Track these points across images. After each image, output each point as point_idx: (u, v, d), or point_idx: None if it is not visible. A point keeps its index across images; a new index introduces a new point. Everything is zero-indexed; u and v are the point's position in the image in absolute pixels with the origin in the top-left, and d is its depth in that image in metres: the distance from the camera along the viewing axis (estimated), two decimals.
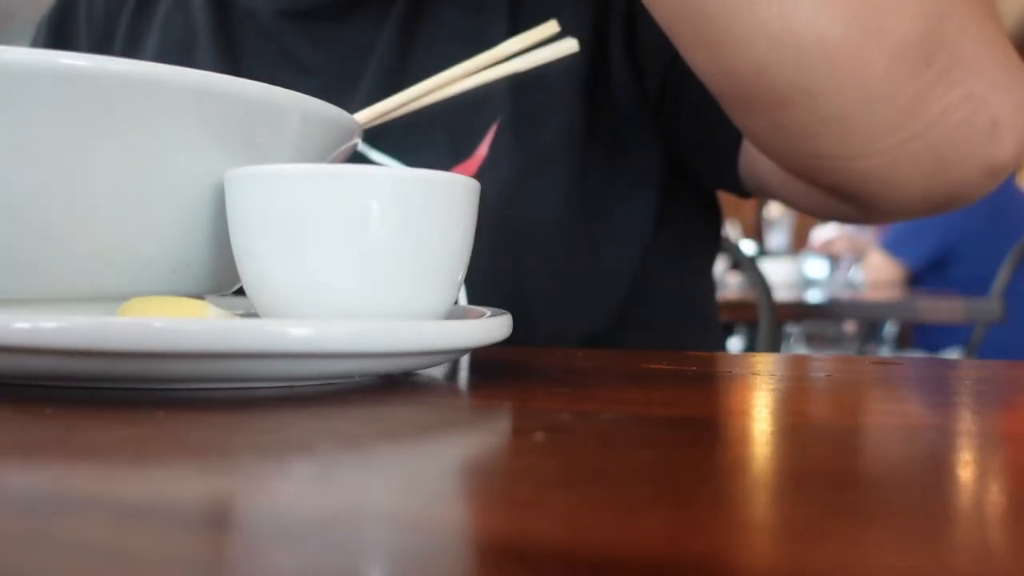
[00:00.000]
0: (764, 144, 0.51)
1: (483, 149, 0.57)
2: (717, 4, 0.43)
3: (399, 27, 0.60)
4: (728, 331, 2.49)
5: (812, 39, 0.42)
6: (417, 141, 0.59)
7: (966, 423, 0.28)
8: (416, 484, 0.19)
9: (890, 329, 2.81)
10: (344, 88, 0.60)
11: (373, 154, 0.58)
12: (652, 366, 0.40)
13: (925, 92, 0.44)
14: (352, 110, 0.59)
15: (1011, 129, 0.47)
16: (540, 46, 0.47)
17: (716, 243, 0.70)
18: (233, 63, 0.63)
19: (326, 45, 0.62)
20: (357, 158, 0.58)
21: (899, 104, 0.44)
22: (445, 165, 0.57)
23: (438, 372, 0.36)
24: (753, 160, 0.58)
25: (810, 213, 0.59)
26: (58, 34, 0.71)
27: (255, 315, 0.32)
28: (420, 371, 0.35)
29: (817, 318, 2.21)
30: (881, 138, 0.46)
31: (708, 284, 0.69)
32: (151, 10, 0.68)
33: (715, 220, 0.68)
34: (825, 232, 2.93)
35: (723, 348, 0.82)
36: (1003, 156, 0.47)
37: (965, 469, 0.21)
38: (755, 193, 0.62)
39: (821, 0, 0.42)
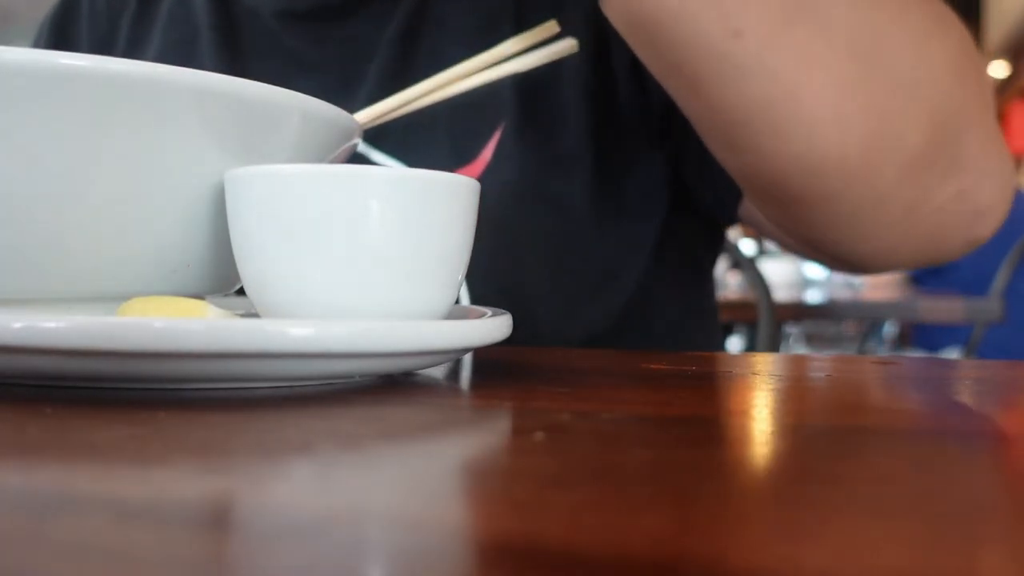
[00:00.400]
0: (772, 219, 0.55)
1: (487, 153, 0.57)
2: (743, 123, 0.45)
3: (402, 29, 0.60)
4: (728, 331, 2.49)
5: (833, 158, 0.45)
6: (419, 142, 0.59)
7: (966, 423, 0.28)
8: (416, 484, 0.19)
9: (890, 329, 2.81)
10: (346, 88, 0.60)
11: (375, 155, 0.58)
12: (652, 366, 0.40)
13: (927, 192, 0.48)
14: (353, 110, 0.59)
15: (993, 213, 0.52)
16: (540, 46, 0.47)
17: (718, 249, 0.70)
18: (235, 61, 0.63)
19: (328, 44, 0.62)
20: (358, 159, 0.58)
21: (904, 203, 0.48)
22: (447, 167, 0.57)
23: (438, 372, 0.36)
24: (754, 212, 0.59)
25: (802, 257, 0.63)
26: (60, 34, 0.71)
27: (255, 315, 0.32)
28: (420, 371, 0.35)
29: (817, 318, 2.21)
30: (883, 229, 0.50)
31: (709, 287, 0.69)
32: (153, 9, 0.68)
33: (719, 228, 0.69)
34: None
35: (723, 349, 0.82)
36: (984, 234, 0.53)
37: (965, 469, 0.21)
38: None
39: (843, 122, 0.44)
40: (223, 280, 0.36)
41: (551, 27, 0.47)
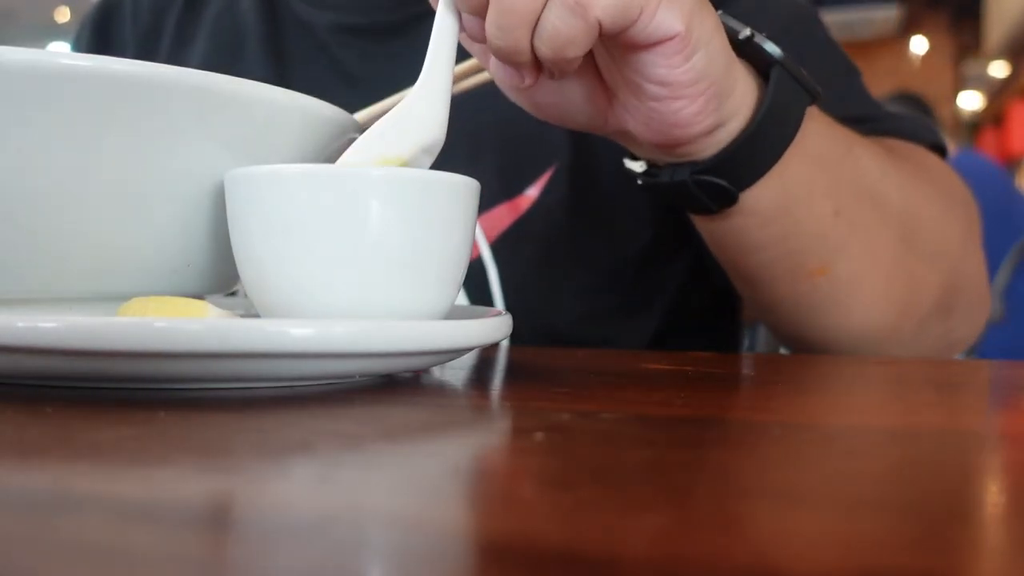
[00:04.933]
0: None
1: (533, 191, 0.58)
2: (809, 297, 0.49)
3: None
4: None
5: (872, 327, 0.50)
6: (464, 170, 0.60)
7: (966, 423, 0.28)
8: (416, 484, 0.19)
9: None
10: None
11: None
12: (652, 366, 0.40)
13: (923, 335, 0.53)
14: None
15: (965, 345, 0.58)
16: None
17: None
18: (281, 70, 0.63)
19: (377, 61, 0.62)
20: None
21: (912, 346, 0.53)
22: (491, 200, 0.57)
23: (438, 372, 0.36)
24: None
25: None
26: (102, 34, 0.70)
27: (255, 315, 0.32)
28: (420, 371, 0.35)
29: None
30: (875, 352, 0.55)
31: (735, 319, 0.69)
32: (198, 13, 0.68)
33: None
34: None
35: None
36: (953, 357, 0.60)
37: (965, 469, 0.21)
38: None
39: (889, 298, 0.50)
40: (223, 280, 0.36)
41: None
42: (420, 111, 0.35)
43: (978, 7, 4.71)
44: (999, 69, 5.02)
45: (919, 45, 5.03)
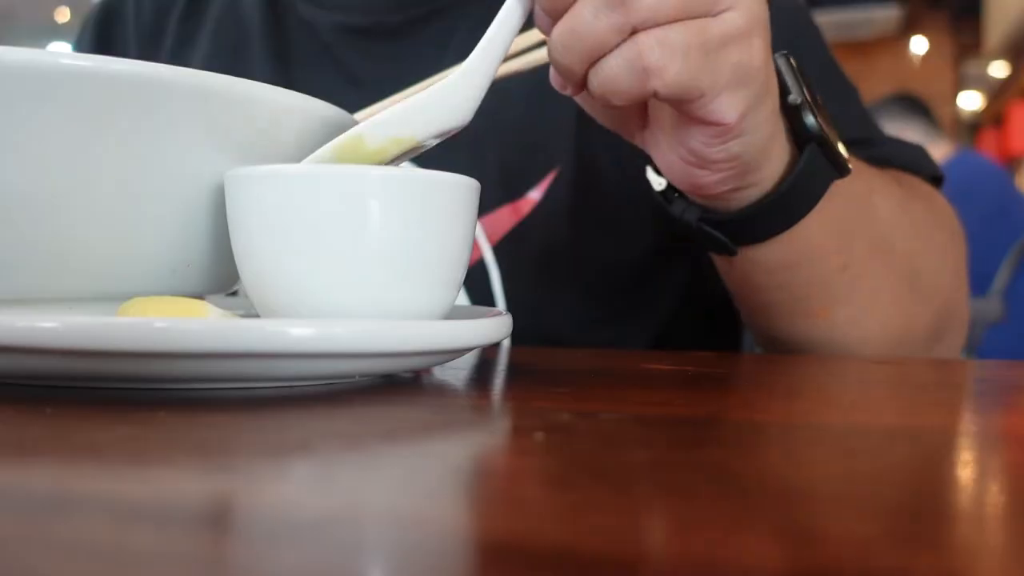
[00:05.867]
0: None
1: (536, 194, 0.58)
2: (811, 333, 0.50)
3: (459, 56, 0.60)
4: None
5: (868, 354, 0.50)
6: (466, 170, 0.61)
7: (966, 423, 0.28)
8: (416, 484, 0.19)
9: None
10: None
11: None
12: (652, 366, 0.40)
13: (923, 354, 0.55)
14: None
15: (958, 351, 0.60)
16: (540, 46, 0.47)
17: None
18: (283, 70, 0.63)
19: (380, 62, 0.62)
20: None
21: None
22: (493, 200, 0.57)
23: (438, 372, 0.36)
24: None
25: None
26: (104, 34, 0.70)
27: (255, 315, 0.32)
28: (420, 371, 0.35)
29: None
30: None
31: (735, 324, 0.69)
32: (201, 12, 0.68)
33: None
34: None
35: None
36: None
37: (965, 469, 0.21)
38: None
39: (887, 333, 0.50)
40: (223, 280, 0.36)
41: None
42: (454, 95, 0.34)
43: (978, 7, 4.71)
44: (999, 69, 5.01)
45: (919, 45, 5.02)
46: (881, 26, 4.66)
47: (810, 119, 0.41)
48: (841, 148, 0.43)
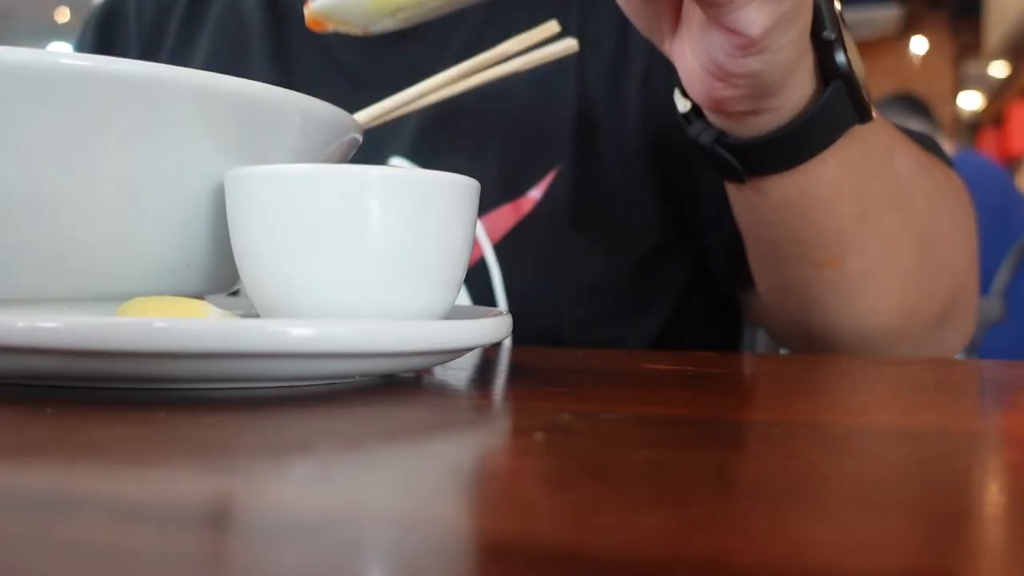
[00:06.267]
0: (776, 321, 0.59)
1: (536, 193, 0.58)
2: (823, 288, 0.49)
3: (464, 49, 0.60)
4: None
5: (883, 326, 0.51)
6: (466, 171, 0.61)
7: (966, 423, 0.28)
8: (416, 484, 0.19)
9: None
10: None
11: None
12: (652, 366, 0.40)
13: (925, 344, 0.54)
14: (405, 133, 0.59)
15: (954, 352, 0.59)
16: (540, 46, 0.47)
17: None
18: (285, 69, 0.63)
19: (381, 63, 0.62)
20: None
21: (912, 351, 0.54)
22: (493, 199, 0.57)
23: (438, 372, 0.36)
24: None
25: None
26: (105, 34, 0.70)
27: (255, 315, 0.32)
28: (420, 371, 0.35)
29: None
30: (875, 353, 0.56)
31: (735, 320, 0.70)
32: (202, 12, 0.68)
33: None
34: None
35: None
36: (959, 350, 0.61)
37: (965, 469, 0.21)
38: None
39: (902, 300, 0.50)
40: (223, 280, 0.36)
41: (551, 27, 0.47)
42: None
43: (978, 7, 4.71)
44: (999, 69, 5.02)
45: (919, 45, 5.03)
46: (881, 26, 4.66)
47: (841, 57, 0.41)
48: (866, 94, 0.43)
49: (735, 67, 0.38)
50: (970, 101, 5.52)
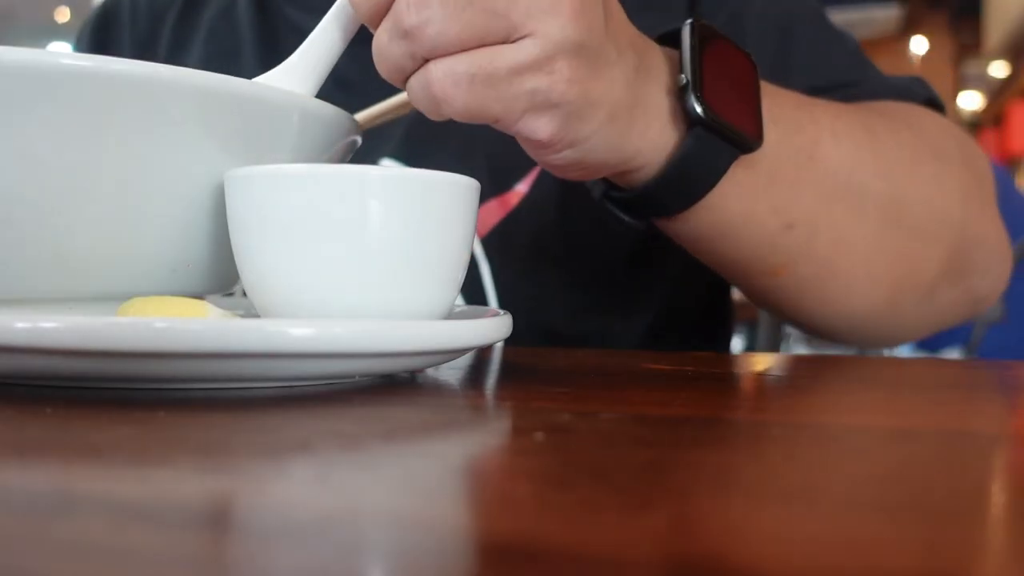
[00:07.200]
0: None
1: (523, 186, 0.58)
2: (782, 293, 0.49)
3: None
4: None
5: (864, 307, 0.50)
6: (454, 167, 0.61)
7: (966, 423, 0.28)
8: (416, 484, 0.19)
9: None
10: None
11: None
12: (652, 366, 0.40)
13: (937, 300, 0.52)
14: (394, 133, 0.59)
15: (992, 297, 0.56)
16: None
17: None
18: None
19: (371, 66, 0.61)
20: None
21: (915, 315, 0.53)
22: (480, 194, 0.57)
23: (438, 372, 0.36)
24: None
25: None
26: (101, 38, 0.71)
27: (255, 315, 0.32)
28: (420, 371, 0.35)
29: None
30: (890, 332, 0.55)
31: (726, 313, 0.69)
32: (195, 18, 0.68)
33: None
34: None
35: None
36: (982, 311, 0.58)
37: (966, 469, 0.21)
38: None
39: (874, 280, 0.49)
40: (223, 280, 0.36)
41: None
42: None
43: (978, 7, 4.71)
44: (999, 69, 5.01)
45: (919, 45, 5.03)
46: (881, 26, 4.66)
47: (691, 103, 0.39)
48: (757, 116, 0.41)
49: (553, 161, 0.38)
50: (970, 101, 5.52)
